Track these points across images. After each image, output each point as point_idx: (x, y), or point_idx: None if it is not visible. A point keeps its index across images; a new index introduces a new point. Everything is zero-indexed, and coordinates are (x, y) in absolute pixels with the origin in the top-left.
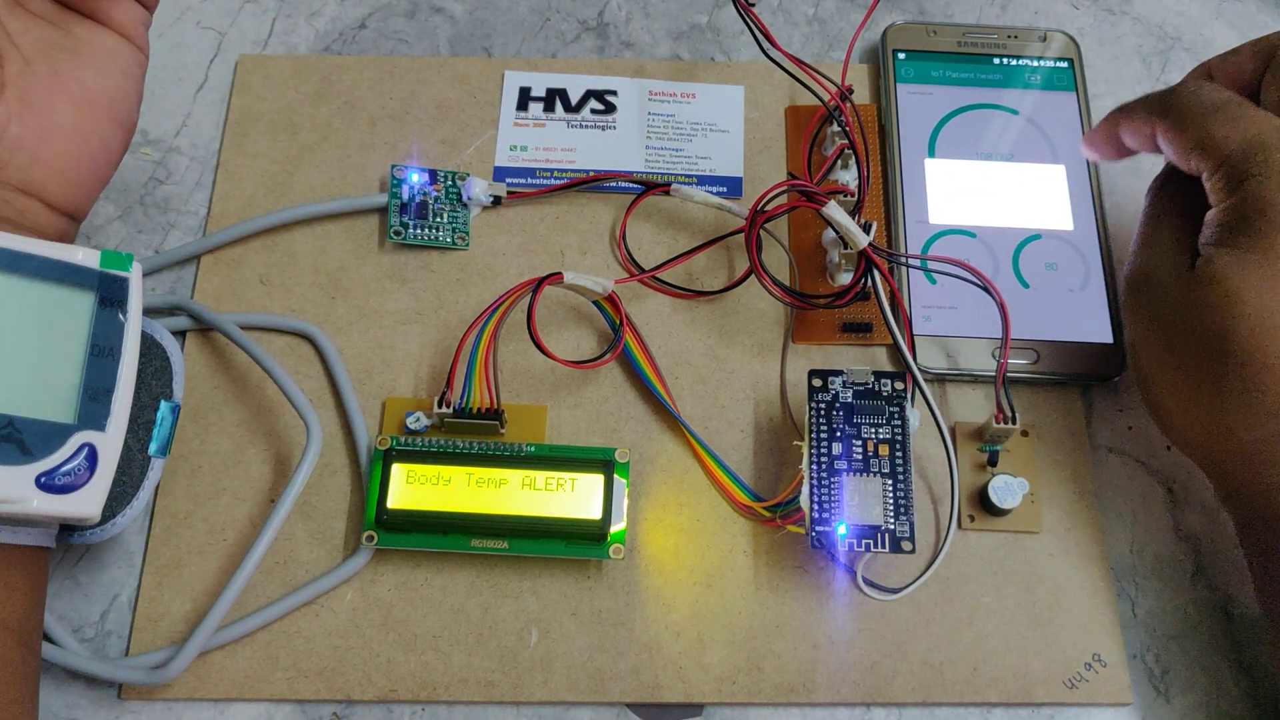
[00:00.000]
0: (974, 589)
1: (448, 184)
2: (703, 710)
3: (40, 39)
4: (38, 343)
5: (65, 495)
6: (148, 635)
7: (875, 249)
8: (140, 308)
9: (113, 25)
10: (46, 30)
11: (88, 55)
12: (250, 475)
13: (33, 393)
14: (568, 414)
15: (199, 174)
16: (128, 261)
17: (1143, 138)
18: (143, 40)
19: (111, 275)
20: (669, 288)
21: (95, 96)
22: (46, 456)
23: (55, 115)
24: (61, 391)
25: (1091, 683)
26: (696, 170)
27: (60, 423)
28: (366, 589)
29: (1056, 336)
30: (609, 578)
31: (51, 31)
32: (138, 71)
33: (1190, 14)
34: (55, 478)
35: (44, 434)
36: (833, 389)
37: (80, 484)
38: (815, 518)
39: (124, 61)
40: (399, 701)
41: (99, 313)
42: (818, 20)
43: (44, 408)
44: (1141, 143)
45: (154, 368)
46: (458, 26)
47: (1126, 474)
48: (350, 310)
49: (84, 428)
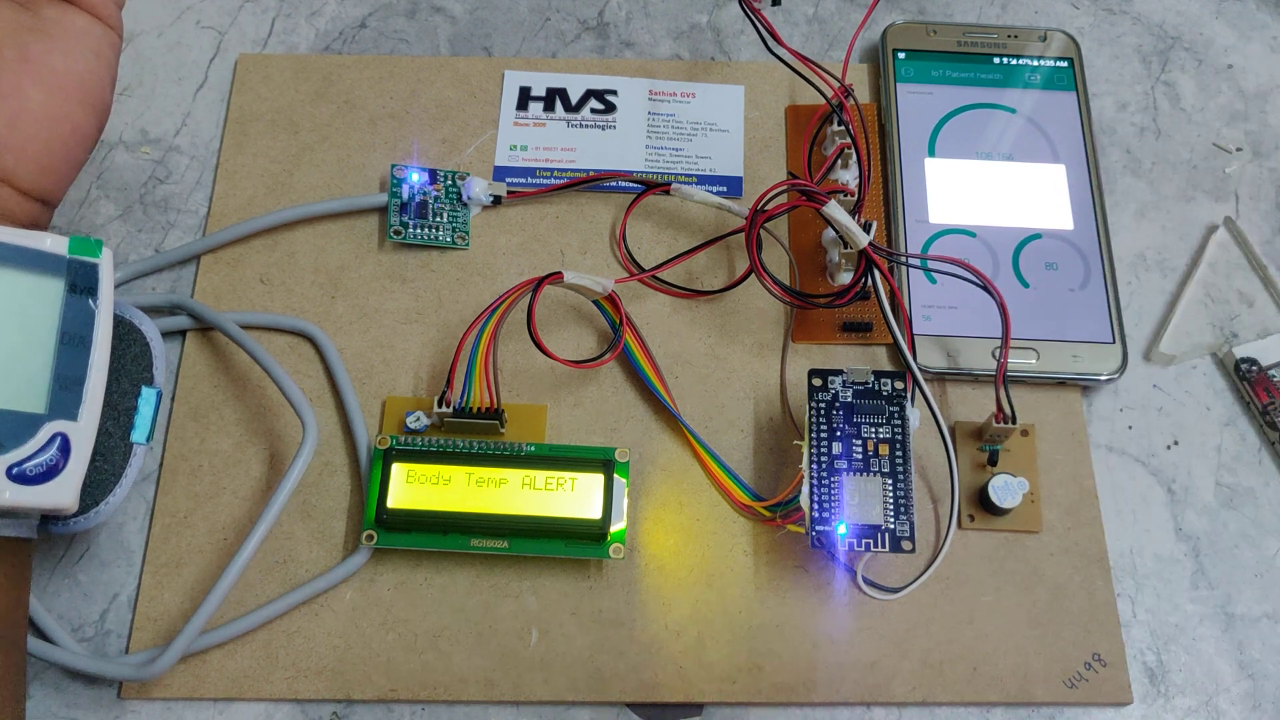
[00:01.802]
0: (974, 589)
1: (448, 184)
2: (703, 710)
3: (9, 21)
4: (6, 332)
5: (38, 486)
6: (148, 634)
7: (875, 248)
8: (111, 294)
9: (83, 6)
10: (15, 12)
11: (58, 37)
12: (250, 474)
13: (1, 383)
14: (568, 414)
15: (199, 173)
16: (97, 248)
17: None
18: (115, 20)
19: (81, 262)
20: (669, 287)
21: (66, 80)
22: (17, 447)
23: (25, 100)
24: (31, 381)
25: (1091, 683)
26: (696, 170)
27: (31, 413)
28: (366, 588)
29: (1056, 336)
30: (609, 577)
31: (20, 13)
32: (110, 53)
33: (1190, 14)
34: (27, 468)
35: (14, 424)
36: (833, 388)
37: (53, 474)
38: (815, 517)
39: (95, 43)
40: (399, 701)
41: (69, 300)
42: (818, 20)
43: (13, 398)
44: None
45: (133, 353)
46: (458, 26)
47: (1126, 474)
48: (350, 310)
49: (55, 417)
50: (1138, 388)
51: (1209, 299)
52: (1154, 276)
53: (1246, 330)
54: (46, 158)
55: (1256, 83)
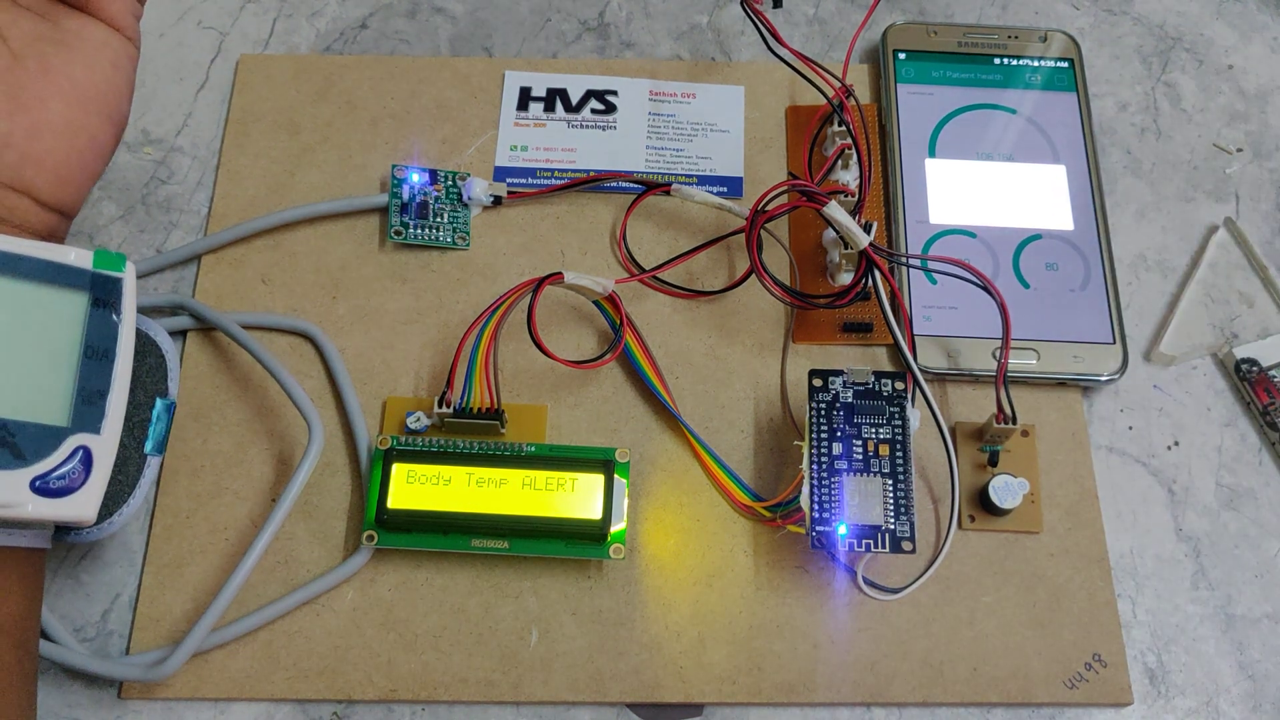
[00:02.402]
0: (974, 589)
1: (448, 184)
2: (703, 710)
3: (29, 32)
4: (30, 345)
5: (60, 499)
6: (149, 634)
7: (876, 249)
8: (134, 308)
9: (103, 17)
10: (35, 23)
11: (77, 49)
12: (251, 474)
13: (26, 396)
14: (568, 414)
15: (200, 174)
16: (121, 262)
17: None
18: (133, 32)
19: (105, 276)
20: (669, 288)
21: (86, 91)
22: (41, 460)
23: (45, 111)
24: (55, 394)
25: (1091, 683)
26: (697, 170)
27: (54, 425)
28: (367, 588)
29: (1056, 336)
30: (609, 578)
31: (40, 25)
32: (128, 64)
33: (1190, 14)
34: (50, 481)
35: (38, 437)
36: (833, 389)
37: (75, 487)
38: (815, 518)
39: (114, 54)
40: (399, 701)
41: (92, 314)
42: (818, 20)
43: (37, 411)
44: None
45: (149, 365)
46: (458, 26)
47: (1126, 474)
48: (351, 310)
49: (78, 430)
50: (1138, 388)
51: (1209, 299)
52: (1154, 277)
53: (1247, 331)
54: (65, 169)
55: (1257, 83)
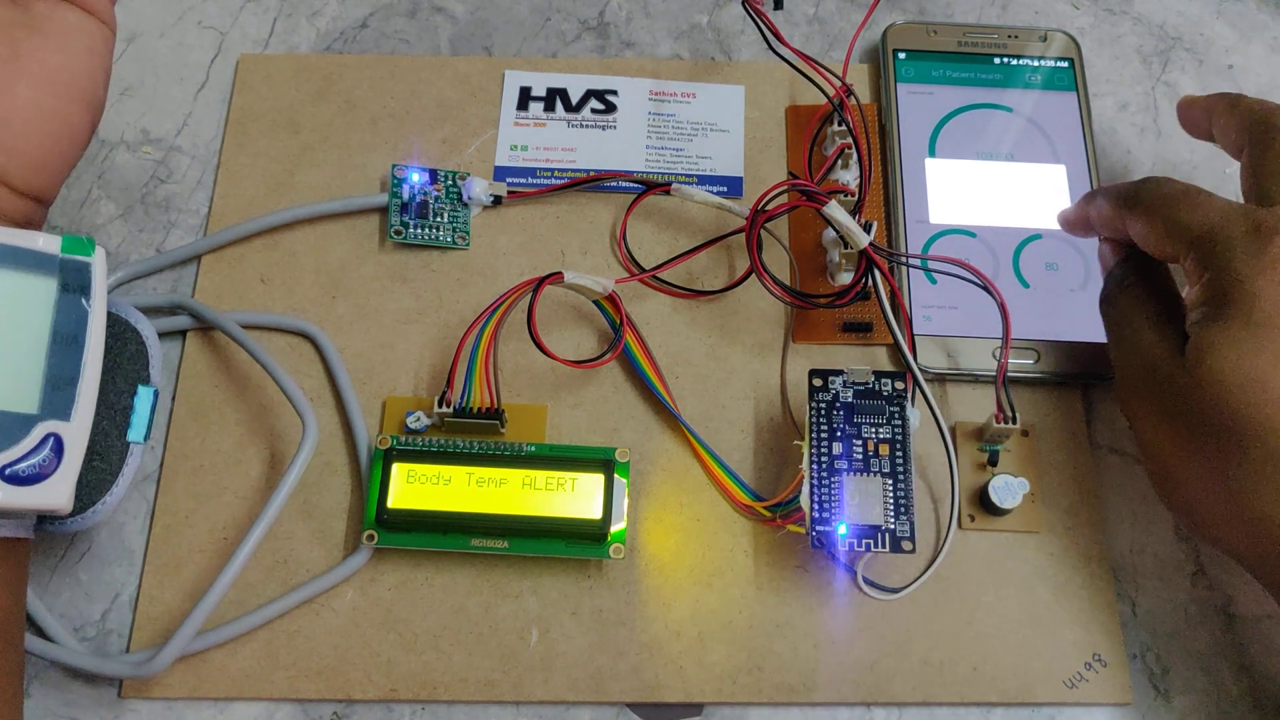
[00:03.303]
0: (974, 589)
1: (448, 184)
2: (703, 710)
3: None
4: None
5: (31, 486)
6: (148, 634)
7: (876, 248)
8: (105, 294)
9: (76, 2)
10: (5, 9)
11: (49, 33)
12: (251, 474)
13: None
14: (568, 414)
15: (200, 173)
16: (90, 246)
17: (1112, 229)
18: (108, 15)
19: (74, 261)
20: (669, 287)
21: (59, 76)
22: (9, 448)
23: (16, 97)
24: (24, 381)
25: (1091, 683)
26: (697, 170)
27: (23, 413)
28: (366, 588)
29: (1057, 336)
30: (609, 577)
31: (10, 10)
32: (104, 49)
33: (1190, 14)
34: (19, 469)
35: (6, 425)
36: (833, 389)
37: (47, 474)
38: (815, 517)
39: (88, 38)
40: (399, 701)
41: (61, 299)
42: (818, 20)
43: (5, 398)
44: (1111, 231)
45: (130, 352)
46: (458, 26)
47: (1126, 474)
48: (351, 309)
49: (48, 417)
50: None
51: None
52: None
53: None
54: (40, 155)
55: (1257, 83)
